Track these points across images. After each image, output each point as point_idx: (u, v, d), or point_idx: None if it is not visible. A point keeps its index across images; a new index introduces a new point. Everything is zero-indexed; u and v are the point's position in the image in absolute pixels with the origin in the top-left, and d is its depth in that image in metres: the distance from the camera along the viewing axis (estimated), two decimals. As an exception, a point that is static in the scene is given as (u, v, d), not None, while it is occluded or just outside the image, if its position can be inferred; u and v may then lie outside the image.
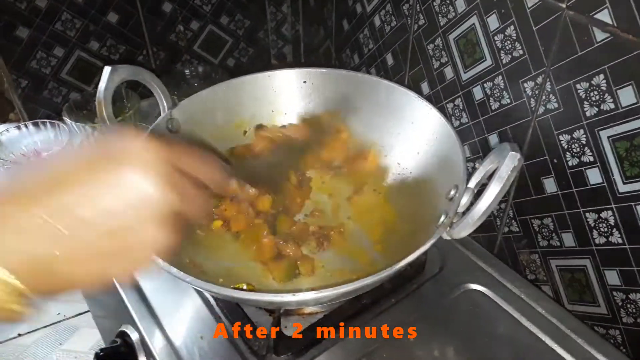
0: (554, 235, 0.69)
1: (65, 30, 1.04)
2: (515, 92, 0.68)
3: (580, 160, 0.62)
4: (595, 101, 0.58)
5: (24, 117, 1.10)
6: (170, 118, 0.69)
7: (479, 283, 0.69)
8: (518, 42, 0.65)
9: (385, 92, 0.72)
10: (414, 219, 0.65)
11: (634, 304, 0.62)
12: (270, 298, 0.49)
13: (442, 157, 0.64)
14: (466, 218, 0.50)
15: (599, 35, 0.55)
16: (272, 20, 1.23)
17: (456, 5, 0.73)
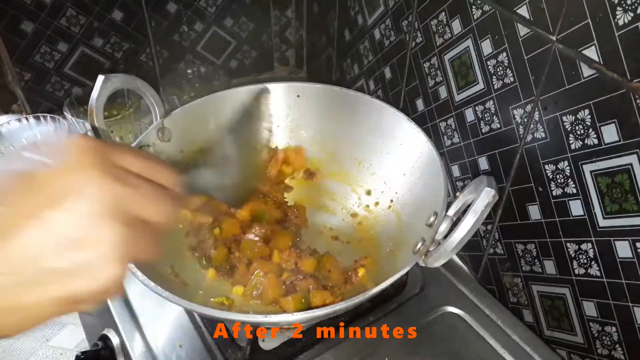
0: (537, 261, 0.70)
1: (69, 25, 1.05)
2: (505, 118, 0.68)
3: (564, 191, 0.63)
4: (580, 135, 0.58)
5: (26, 110, 1.11)
6: (161, 127, 0.70)
7: (458, 307, 0.70)
8: (510, 68, 0.65)
9: (377, 111, 0.72)
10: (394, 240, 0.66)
11: (609, 337, 0.62)
12: (242, 318, 0.50)
13: (426, 181, 0.65)
14: (441, 248, 0.51)
15: (586, 71, 0.55)
16: (276, 24, 1.24)
17: (452, 26, 0.73)
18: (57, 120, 1.03)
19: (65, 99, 1.06)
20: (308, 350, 0.65)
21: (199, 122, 0.74)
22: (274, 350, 0.64)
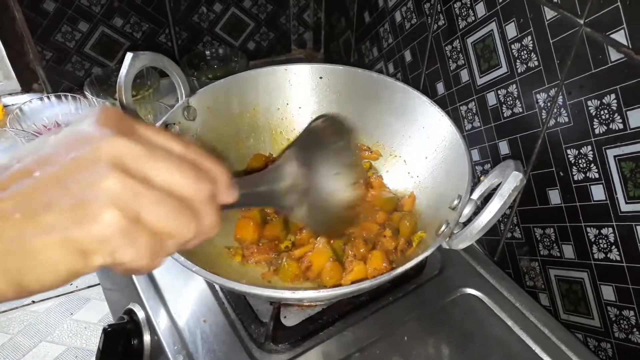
0: (555, 246, 0.70)
1: (90, 5, 1.06)
2: (527, 102, 0.69)
3: (586, 175, 0.63)
4: (605, 120, 0.59)
5: (47, 89, 1.12)
6: (187, 106, 0.71)
7: (476, 288, 0.71)
8: (534, 52, 0.65)
9: (400, 94, 0.73)
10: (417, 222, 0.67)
11: (626, 320, 0.63)
12: (270, 293, 0.51)
13: (449, 165, 0.65)
14: (466, 230, 0.52)
15: (614, 55, 0.55)
16: (295, 5, 1.23)
17: (476, 9, 0.73)
18: (78, 99, 1.04)
19: (86, 79, 1.07)
20: (328, 328, 0.66)
21: (223, 101, 0.75)
22: (296, 327, 0.65)
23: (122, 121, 0.31)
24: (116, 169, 0.29)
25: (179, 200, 0.31)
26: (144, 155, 0.30)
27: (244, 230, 0.69)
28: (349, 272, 0.62)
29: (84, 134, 0.30)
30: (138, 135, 0.31)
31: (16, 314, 1.18)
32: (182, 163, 0.32)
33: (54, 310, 1.19)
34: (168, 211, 0.30)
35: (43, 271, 0.29)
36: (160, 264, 0.32)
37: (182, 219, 0.31)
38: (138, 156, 0.30)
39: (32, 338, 1.16)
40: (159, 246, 0.30)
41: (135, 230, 0.29)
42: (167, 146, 0.32)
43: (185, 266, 0.52)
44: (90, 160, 0.29)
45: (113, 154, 0.29)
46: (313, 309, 0.67)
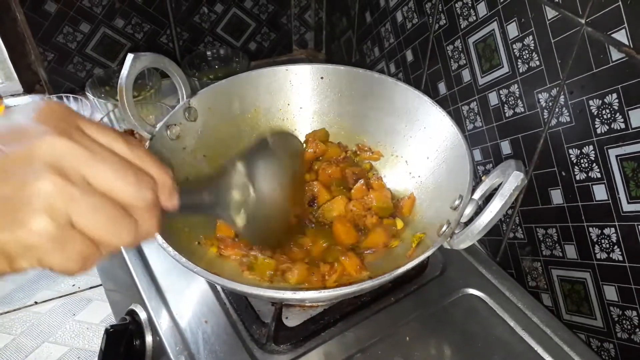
0: (557, 246, 0.70)
1: (92, 6, 1.06)
2: (529, 102, 0.68)
3: (588, 175, 0.63)
4: (607, 119, 0.58)
5: (48, 90, 1.13)
6: (188, 107, 0.71)
7: (478, 289, 0.71)
8: (535, 52, 0.65)
9: (401, 94, 0.73)
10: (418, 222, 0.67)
11: (629, 321, 0.63)
12: (271, 294, 0.51)
13: (450, 165, 0.65)
14: (467, 230, 0.52)
15: (615, 55, 0.55)
16: (296, 6, 1.23)
17: (477, 9, 0.73)
18: (80, 100, 1.05)
19: (87, 80, 1.07)
20: (330, 328, 0.66)
21: (224, 102, 0.75)
22: (297, 327, 0.65)
23: (65, 118, 0.30)
24: (52, 170, 0.28)
25: (117, 207, 0.30)
26: (84, 158, 0.29)
27: (225, 230, 0.69)
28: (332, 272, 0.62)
29: (21, 129, 0.29)
30: (80, 135, 0.30)
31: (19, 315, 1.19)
32: (124, 166, 0.31)
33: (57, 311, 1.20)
34: (104, 218, 0.29)
35: None
36: (92, 268, 0.31)
37: (119, 227, 0.30)
38: (77, 158, 0.29)
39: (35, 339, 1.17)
40: (91, 252, 0.30)
41: (66, 236, 0.28)
42: (111, 147, 0.31)
43: (186, 267, 0.52)
44: (25, 159, 0.28)
45: (50, 154, 0.28)
46: (315, 309, 0.67)
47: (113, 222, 0.30)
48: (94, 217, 0.29)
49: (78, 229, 0.29)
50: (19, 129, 0.29)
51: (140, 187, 0.31)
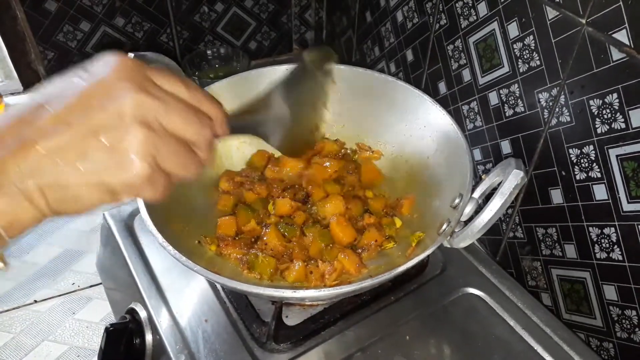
0: (557, 245, 0.70)
1: (92, 5, 1.06)
2: (529, 102, 0.69)
3: (588, 175, 0.63)
4: (607, 119, 0.58)
5: (48, 88, 1.12)
6: (188, 106, 0.70)
7: (478, 288, 0.71)
8: (536, 52, 0.65)
9: (401, 93, 0.73)
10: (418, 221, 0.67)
11: (628, 320, 0.63)
12: (271, 292, 0.51)
13: (450, 163, 0.65)
14: (467, 229, 0.52)
15: (615, 55, 0.55)
16: (296, 5, 1.23)
17: (478, 9, 0.73)
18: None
19: (88, 78, 1.07)
20: (330, 327, 0.66)
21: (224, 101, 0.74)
22: (298, 326, 0.65)
23: (138, 72, 0.36)
24: (139, 124, 0.34)
25: (187, 147, 0.37)
26: (160, 109, 0.35)
27: (225, 228, 0.69)
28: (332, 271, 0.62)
29: (108, 87, 0.34)
30: (153, 87, 0.36)
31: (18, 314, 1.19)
32: (189, 111, 0.37)
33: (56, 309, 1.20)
34: (180, 158, 0.37)
35: (76, 202, 0.35)
36: (168, 194, 0.38)
37: (190, 163, 0.38)
38: (155, 110, 0.35)
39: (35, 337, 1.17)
40: (170, 183, 0.37)
41: (156, 176, 0.35)
42: (176, 93, 0.37)
43: (187, 266, 0.52)
44: (117, 115, 0.34)
45: (135, 110, 0.34)
46: (315, 308, 0.67)
47: (185, 159, 0.37)
48: (173, 158, 0.36)
49: (163, 169, 0.36)
50: (105, 85, 0.35)
51: (201, 127, 0.38)
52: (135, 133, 0.34)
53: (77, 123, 0.33)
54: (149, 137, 0.35)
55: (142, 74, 0.36)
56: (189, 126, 0.37)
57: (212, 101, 0.40)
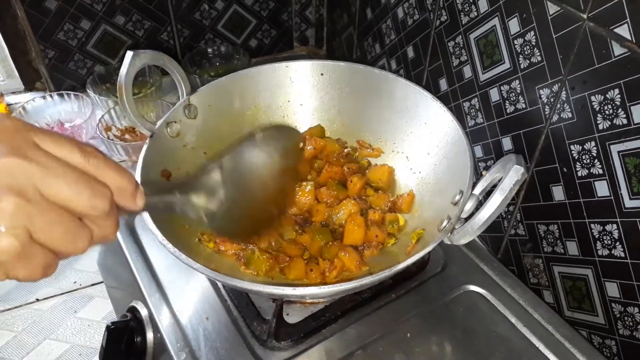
0: (559, 242, 0.70)
1: (92, 3, 1.06)
2: (530, 98, 0.68)
3: (590, 171, 0.62)
4: (609, 115, 0.58)
5: (49, 87, 1.13)
6: (188, 104, 0.70)
7: (480, 285, 0.70)
8: (537, 48, 0.65)
9: (402, 90, 0.72)
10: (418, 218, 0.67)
11: (631, 317, 0.62)
12: (272, 290, 0.51)
13: (451, 160, 0.65)
14: (467, 226, 0.52)
15: (617, 50, 0.55)
16: (297, 2, 1.23)
17: (479, 5, 0.73)
18: (81, 97, 1.05)
19: (88, 77, 1.07)
20: (331, 325, 0.66)
21: (224, 99, 0.74)
22: (298, 324, 0.65)
23: (16, 134, 0.31)
24: (10, 191, 0.30)
25: (73, 219, 0.32)
26: (39, 175, 0.31)
27: None
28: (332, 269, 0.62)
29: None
30: (35, 151, 0.31)
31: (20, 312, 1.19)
32: (78, 179, 0.32)
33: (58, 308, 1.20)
34: (62, 231, 0.32)
35: None
36: (53, 273, 0.33)
37: (76, 237, 0.33)
38: (32, 176, 0.30)
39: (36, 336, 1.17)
40: (51, 261, 0.32)
41: (29, 251, 0.30)
42: (66, 159, 0.33)
43: (187, 264, 0.52)
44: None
45: (5, 176, 0.30)
46: (315, 306, 0.67)
47: (70, 233, 0.32)
48: (51, 231, 0.31)
49: (38, 243, 0.31)
50: None
51: (94, 198, 0.33)
52: (3, 202, 0.29)
53: None
54: (21, 206, 0.30)
55: (21, 135, 0.32)
56: (76, 195, 0.32)
57: (116, 170, 0.35)
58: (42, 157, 0.31)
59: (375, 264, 0.64)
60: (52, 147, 0.32)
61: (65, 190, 0.32)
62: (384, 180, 0.74)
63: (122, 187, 0.35)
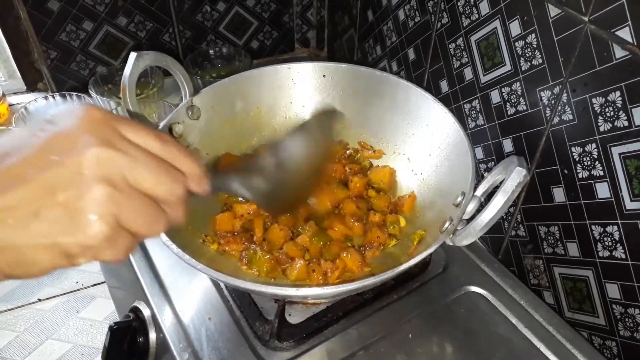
0: (559, 244, 0.70)
1: (94, 4, 1.06)
2: (531, 100, 0.68)
3: (591, 173, 0.63)
4: (610, 117, 0.58)
5: (52, 88, 1.13)
6: (191, 105, 0.71)
7: (481, 286, 0.71)
8: (538, 50, 0.65)
9: (403, 92, 0.73)
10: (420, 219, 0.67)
11: (632, 319, 0.63)
12: (274, 290, 0.51)
13: (452, 162, 0.65)
14: (469, 227, 0.52)
15: (618, 53, 0.55)
16: (298, 4, 1.23)
17: (480, 7, 0.73)
18: (83, 98, 1.05)
19: (90, 78, 1.08)
20: (333, 325, 0.66)
21: (227, 101, 0.75)
22: (300, 324, 0.65)
23: (104, 125, 0.33)
24: (100, 180, 0.32)
25: (154, 205, 0.34)
26: (125, 164, 0.33)
27: (223, 224, 0.69)
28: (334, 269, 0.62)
29: (68, 138, 0.32)
30: (120, 140, 0.33)
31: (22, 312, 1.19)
32: (159, 166, 0.35)
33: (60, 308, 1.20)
34: (145, 216, 0.34)
35: (30, 266, 0.32)
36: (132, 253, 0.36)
37: (156, 221, 0.35)
38: (120, 166, 0.33)
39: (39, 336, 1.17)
40: (133, 243, 0.34)
41: (116, 235, 0.33)
42: (147, 146, 0.35)
43: (190, 265, 0.52)
44: (77, 170, 0.31)
45: (97, 166, 0.32)
46: (317, 306, 0.67)
47: (151, 218, 0.34)
48: (136, 217, 0.33)
49: (125, 228, 0.33)
50: (66, 137, 0.32)
51: (172, 184, 0.35)
52: (96, 190, 0.31)
53: (32, 178, 0.31)
54: (111, 195, 0.32)
55: (109, 125, 0.34)
56: (158, 183, 0.34)
57: (187, 156, 0.38)
58: (128, 147, 0.33)
59: (377, 265, 0.64)
60: (134, 136, 0.34)
61: (149, 179, 0.34)
62: (385, 181, 0.74)
63: (193, 173, 0.37)
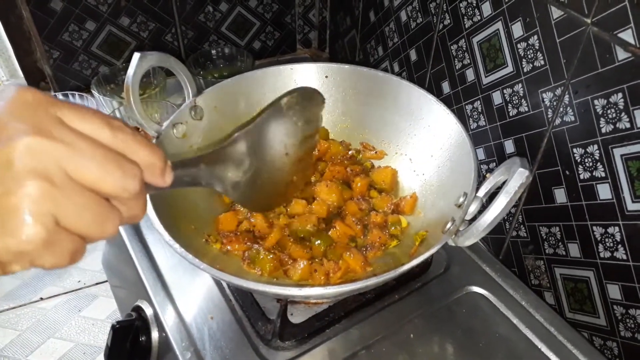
0: (560, 244, 0.70)
1: (97, 4, 1.06)
2: (533, 101, 0.69)
3: (592, 174, 0.63)
4: (612, 119, 0.59)
5: (54, 87, 1.13)
6: (194, 105, 0.71)
7: (482, 286, 0.71)
8: (540, 52, 0.66)
9: (405, 92, 0.73)
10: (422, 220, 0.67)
11: (633, 319, 0.63)
12: (276, 290, 0.51)
13: (454, 162, 0.66)
14: (472, 228, 0.52)
15: (621, 54, 0.56)
16: (300, 5, 1.24)
17: (482, 9, 0.73)
18: (85, 98, 1.05)
19: (92, 78, 1.08)
20: (335, 325, 0.66)
21: (230, 101, 0.75)
22: (302, 324, 0.66)
23: (39, 109, 0.29)
24: (33, 175, 0.27)
25: (102, 202, 0.30)
26: (64, 155, 0.28)
27: (226, 224, 0.69)
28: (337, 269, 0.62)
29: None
30: (59, 128, 0.29)
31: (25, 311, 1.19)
32: (107, 157, 0.30)
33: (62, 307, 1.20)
34: (89, 215, 0.29)
35: None
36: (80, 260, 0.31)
37: (104, 220, 0.30)
38: (57, 157, 0.28)
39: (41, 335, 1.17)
40: (79, 246, 0.30)
41: (55, 238, 0.28)
42: (93, 135, 0.30)
43: (193, 264, 0.53)
44: (4, 164, 0.27)
45: (29, 158, 0.27)
46: (319, 306, 0.68)
47: (99, 217, 0.29)
48: (79, 215, 0.29)
49: (65, 229, 0.28)
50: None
51: (124, 178, 0.30)
52: (28, 186, 0.26)
53: None
54: (47, 191, 0.27)
55: (45, 110, 0.29)
56: (106, 176, 0.29)
57: (143, 144, 0.32)
58: (67, 134, 0.28)
59: (379, 265, 0.65)
60: (77, 123, 0.29)
61: (94, 172, 0.29)
62: (387, 182, 0.75)
63: (151, 164, 0.32)
